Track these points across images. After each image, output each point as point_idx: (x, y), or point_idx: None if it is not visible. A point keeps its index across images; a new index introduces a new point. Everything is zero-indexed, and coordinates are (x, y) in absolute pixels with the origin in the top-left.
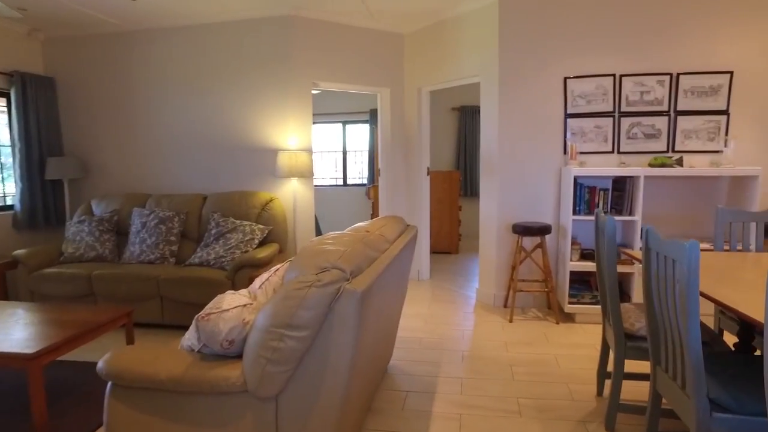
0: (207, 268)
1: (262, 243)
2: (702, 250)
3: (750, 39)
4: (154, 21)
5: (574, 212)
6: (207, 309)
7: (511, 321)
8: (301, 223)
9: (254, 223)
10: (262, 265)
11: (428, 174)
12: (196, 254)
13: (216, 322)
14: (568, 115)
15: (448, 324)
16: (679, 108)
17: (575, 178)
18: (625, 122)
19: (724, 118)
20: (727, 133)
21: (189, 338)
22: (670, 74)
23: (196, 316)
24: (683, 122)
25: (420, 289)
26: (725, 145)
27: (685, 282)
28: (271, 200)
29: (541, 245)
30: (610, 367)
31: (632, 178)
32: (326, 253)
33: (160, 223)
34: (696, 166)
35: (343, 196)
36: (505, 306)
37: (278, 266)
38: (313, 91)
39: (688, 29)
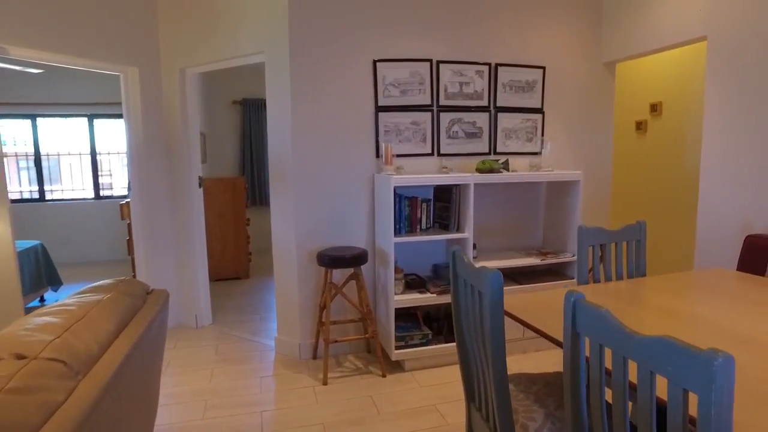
0: None
1: None
2: (542, 265)
3: (559, 36)
4: None
5: (396, 232)
6: None
7: (325, 384)
8: None
9: None
10: None
11: (201, 185)
12: None
13: None
14: (379, 108)
15: (241, 405)
16: (498, 104)
17: (395, 189)
18: (445, 118)
19: (539, 116)
20: (543, 134)
21: None
22: (489, 64)
23: None
24: (504, 120)
25: (199, 346)
26: (542, 147)
27: (711, 420)
28: None
29: (356, 278)
30: None
31: (459, 187)
32: None
33: None
34: (518, 169)
35: (97, 213)
36: (315, 357)
37: None
38: (30, 69)
39: (503, 17)
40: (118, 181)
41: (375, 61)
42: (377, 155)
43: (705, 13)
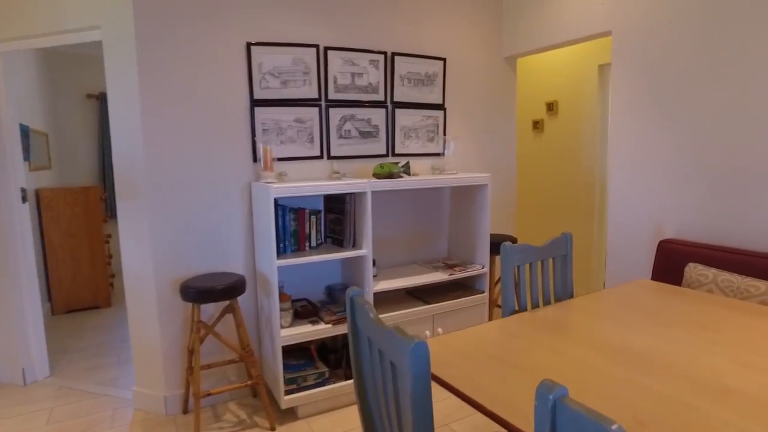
0: None
1: None
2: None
3: (460, 25)
4: None
5: (279, 253)
6: None
7: None
8: None
9: None
10: None
11: (25, 200)
12: None
13: None
14: (255, 102)
15: None
16: (396, 98)
17: (276, 201)
18: (336, 115)
19: (441, 113)
20: (445, 133)
21: None
22: (384, 53)
23: None
24: (402, 117)
25: (23, 414)
26: (445, 147)
27: None
28: None
29: (232, 311)
30: None
31: (354, 195)
32: None
33: None
34: (419, 173)
35: None
36: (186, 411)
37: None
38: None
39: (400, 1)
40: None
41: (249, 44)
42: (255, 159)
43: (609, 8)
